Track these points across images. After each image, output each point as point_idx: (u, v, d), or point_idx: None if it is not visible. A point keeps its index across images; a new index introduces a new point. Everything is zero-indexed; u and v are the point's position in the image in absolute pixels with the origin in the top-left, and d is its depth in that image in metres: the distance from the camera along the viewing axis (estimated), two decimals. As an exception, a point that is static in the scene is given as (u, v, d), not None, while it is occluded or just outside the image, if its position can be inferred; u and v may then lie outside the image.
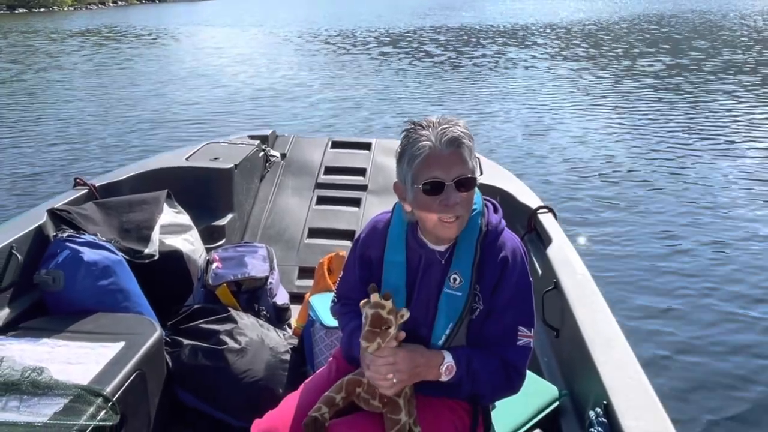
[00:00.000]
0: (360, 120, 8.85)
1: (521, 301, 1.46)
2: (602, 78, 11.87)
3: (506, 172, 3.24)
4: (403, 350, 1.40)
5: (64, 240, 2.16)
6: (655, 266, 4.23)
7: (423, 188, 1.36)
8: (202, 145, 3.53)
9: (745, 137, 7.62)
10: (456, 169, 1.35)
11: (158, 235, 2.47)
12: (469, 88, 11.19)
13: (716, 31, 19.98)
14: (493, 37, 19.51)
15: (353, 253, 1.65)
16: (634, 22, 23.91)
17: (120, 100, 10.80)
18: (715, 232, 4.76)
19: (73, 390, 1.59)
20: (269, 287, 2.45)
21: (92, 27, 23.44)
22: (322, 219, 3.31)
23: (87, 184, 2.81)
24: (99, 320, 1.98)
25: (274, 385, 2.04)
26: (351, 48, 17.46)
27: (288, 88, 11.45)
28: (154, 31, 22.22)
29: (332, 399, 1.45)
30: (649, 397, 1.47)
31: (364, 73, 13.06)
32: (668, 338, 3.39)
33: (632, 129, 8.00)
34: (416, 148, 1.35)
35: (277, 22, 25.13)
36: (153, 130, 8.55)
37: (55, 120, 9.39)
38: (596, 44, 17.21)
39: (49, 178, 6.52)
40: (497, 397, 1.54)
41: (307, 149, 3.83)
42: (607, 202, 5.43)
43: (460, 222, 1.41)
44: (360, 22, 24.03)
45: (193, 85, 12.12)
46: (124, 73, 13.82)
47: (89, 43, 19.74)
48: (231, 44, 19.22)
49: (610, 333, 1.75)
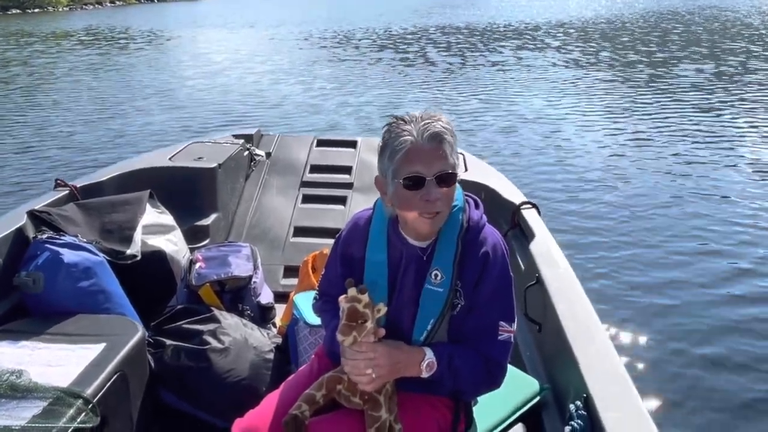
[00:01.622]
0: (346, 119, 8.84)
1: (502, 296, 1.47)
2: (586, 75, 11.95)
3: (490, 168, 3.25)
4: (383, 346, 1.40)
5: (44, 242, 2.14)
6: (637, 260, 4.28)
7: (404, 183, 1.36)
8: (185, 144, 3.51)
9: (727, 128, 7.76)
10: (437, 164, 1.35)
11: (140, 235, 2.46)
12: (455, 86, 11.21)
13: (697, 25, 20.17)
14: (479, 35, 19.56)
15: (335, 251, 1.65)
16: (622, 17, 24.08)
17: (102, 100, 10.71)
18: (697, 228, 4.81)
19: (53, 392, 1.57)
20: (253, 286, 2.44)
21: (82, 28, 23.22)
22: (308, 218, 3.30)
23: (68, 185, 2.78)
24: (80, 322, 1.96)
25: (258, 385, 2.03)
26: (340, 48, 17.43)
27: (275, 88, 11.41)
28: (146, 31, 22.05)
29: (313, 397, 1.45)
30: (629, 390, 1.49)
31: (352, 72, 13.04)
32: (649, 331, 3.43)
33: (615, 126, 8.06)
34: (398, 143, 1.35)
35: (270, 21, 25.04)
36: (136, 131, 8.48)
37: (37, 121, 9.30)
38: (581, 42, 17.30)
39: (29, 180, 6.46)
40: (479, 393, 1.54)
41: (293, 148, 3.82)
42: (591, 198, 5.48)
43: (440, 218, 1.41)
44: (352, 22, 24.00)
45: (178, 85, 12.05)
46: (108, 74, 13.70)
47: (77, 44, 19.56)
48: (220, 44, 19.12)
49: (591, 327, 1.76)
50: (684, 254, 4.38)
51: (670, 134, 7.58)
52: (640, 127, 7.95)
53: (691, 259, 4.29)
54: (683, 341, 3.37)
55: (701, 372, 3.12)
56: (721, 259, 4.28)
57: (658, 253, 4.40)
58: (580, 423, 1.42)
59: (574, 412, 1.46)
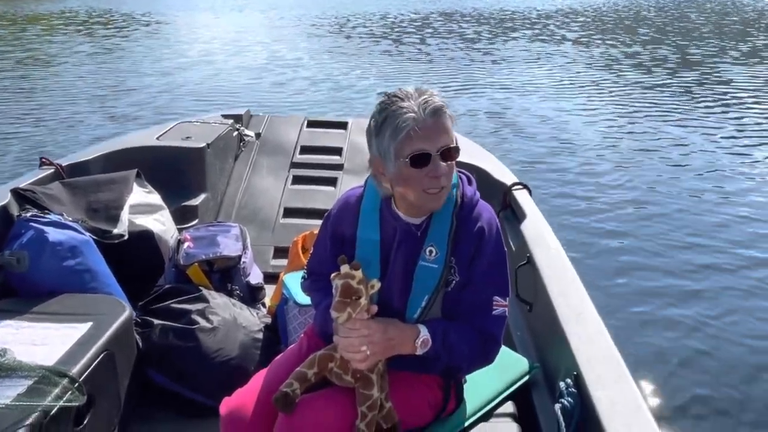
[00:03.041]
0: (337, 100, 8.76)
1: (497, 271, 1.47)
2: (577, 57, 11.93)
3: (482, 150, 3.24)
4: (377, 323, 1.38)
5: (28, 220, 2.09)
6: (628, 241, 4.31)
7: (411, 161, 1.32)
8: (173, 124, 3.46)
9: (719, 112, 7.81)
10: (441, 139, 1.33)
11: (128, 215, 2.42)
12: (445, 67, 11.15)
13: (681, 13, 20.15)
14: (469, 17, 19.42)
15: (324, 229, 1.63)
16: (612, 3, 23.99)
17: (89, 79, 10.52)
18: (689, 210, 4.84)
19: (38, 371, 1.54)
20: (242, 266, 2.42)
21: (68, 9, 22.77)
22: (298, 198, 3.28)
23: (53, 163, 2.74)
24: (66, 301, 1.93)
25: (247, 364, 2.02)
26: (331, 30, 17.23)
27: (265, 69, 11.27)
28: (134, 13, 21.64)
29: (304, 374, 1.44)
30: (619, 368, 1.49)
31: (343, 53, 12.91)
32: (639, 311, 3.47)
33: (606, 107, 8.08)
34: (400, 121, 1.31)
35: (260, 4, 24.73)
36: (123, 110, 8.35)
37: (21, 99, 9.13)
38: (573, 25, 17.23)
39: (13, 158, 6.35)
40: (473, 368, 1.54)
41: (283, 128, 3.78)
42: (582, 179, 5.50)
43: (444, 192, 1.39)
44: (344, 4, 23.74)
45: (166, 65, 11.86)
46: (95, 54, 13.46)
47: (63, 25, 19.19)
48: (210, 26, 18.82)
49: (581, 307, 1.76)
50: (675, 236, 4.40)
51: (662, 117, 7.61)
52: (634, 109, 7.98)
53: (681, 241, 4.32)
54: (674, 321, 3.40)
55: (692, 352, 3.16)
56: (714, 241, 4.30)
57: (649, 233, 4.43)
58: (570, 401, 1.42)
59: (564, 390, 1.47)
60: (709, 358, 3.09)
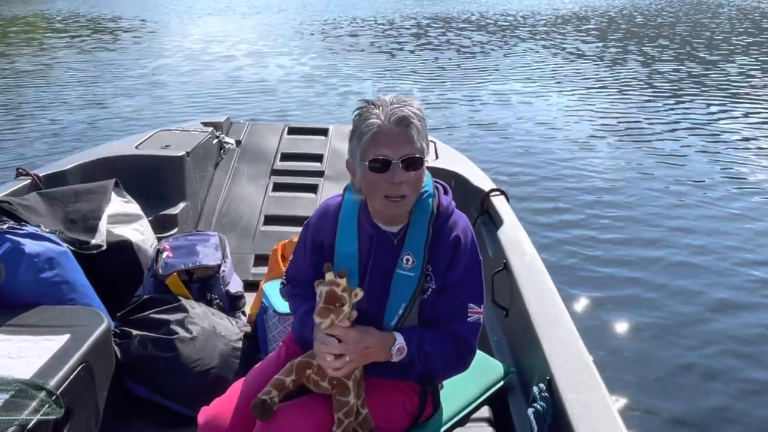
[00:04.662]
0: (317, 107, 8.77)
1: (472, 279, 1.50)
2: (555, 65, 12.05)
3: (461, 156, 3.29)
4: (354, 330, 1.41)
5: (5, 232, 2.07)
6: (604, 248, 4.36)
7: (369, 165, 1.38)
8: (152, 132, 3.45)
9: (697, 112, 7.97)
10: (404, 148, 1.37)
11: (106, 225, 2.42)
12: (427, 73, 11.20)
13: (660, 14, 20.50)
14: (452, 22, 19.55)
15: (304, 237, 1.65)
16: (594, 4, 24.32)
17: (66, 88, 10.39)
18: (664, 216, 4.90)
19: (15, 384, 1.54)
20: (222, 275, 2.42)
21: (47, 13, 22.49)
22: (279, 206, 3.28)
23: (30, 174, 2.72)
24: (43, 313, 1.92)
25: (227, 374, 2.03)
26: (313, 36, 17.20)
27: (246, 76, 11.23)
28: (113, 18, 21.41)
29: (282, 382, 1.46)
30: (590, 372, 1.53)
31: (324, 60, 12.91)
32: (613, 317, 3.52)
33: (583, 114, 8.16)
34: (365, 126, 1.38)
35: (243, 9, 24.63)
36: (101, 119, 8.24)
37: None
38: (551, 29, 17.43)
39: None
40: (449, 375, 1.57)
41: (263, 136, 3.79)
42: (558, 184, 5.55)
43: (406, 201, 1.42)
44: (328, 10, 23.75)
45: (145, 72, 11.76)
46: (72, 61, 13.30)
47: (41, 30, 18.95)
48: (189, 32, 18.69)
49: (556, 312, 1.80)
50: (650, 242, 4.45)
51: (638, 119, 7.72)
52: (608, 113, 8.08)
53: (657, 248, 4.35)
54: (645, 326, 3.45)
55: (661, 356, 3.20)
56: (687, 249, 4.34)
57: (625, 240, 4.49)
58: (543, 405, 1.46)
59: (537, 394, 1.50)
60: (678, 363, 3.13)
